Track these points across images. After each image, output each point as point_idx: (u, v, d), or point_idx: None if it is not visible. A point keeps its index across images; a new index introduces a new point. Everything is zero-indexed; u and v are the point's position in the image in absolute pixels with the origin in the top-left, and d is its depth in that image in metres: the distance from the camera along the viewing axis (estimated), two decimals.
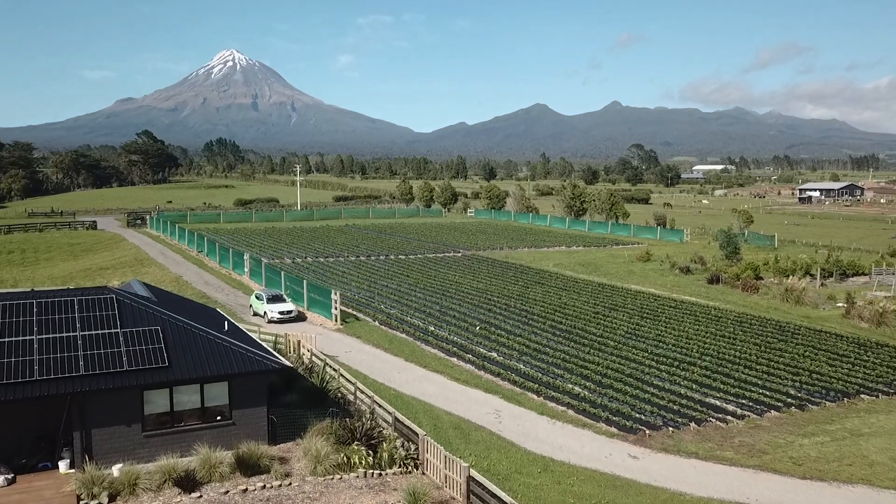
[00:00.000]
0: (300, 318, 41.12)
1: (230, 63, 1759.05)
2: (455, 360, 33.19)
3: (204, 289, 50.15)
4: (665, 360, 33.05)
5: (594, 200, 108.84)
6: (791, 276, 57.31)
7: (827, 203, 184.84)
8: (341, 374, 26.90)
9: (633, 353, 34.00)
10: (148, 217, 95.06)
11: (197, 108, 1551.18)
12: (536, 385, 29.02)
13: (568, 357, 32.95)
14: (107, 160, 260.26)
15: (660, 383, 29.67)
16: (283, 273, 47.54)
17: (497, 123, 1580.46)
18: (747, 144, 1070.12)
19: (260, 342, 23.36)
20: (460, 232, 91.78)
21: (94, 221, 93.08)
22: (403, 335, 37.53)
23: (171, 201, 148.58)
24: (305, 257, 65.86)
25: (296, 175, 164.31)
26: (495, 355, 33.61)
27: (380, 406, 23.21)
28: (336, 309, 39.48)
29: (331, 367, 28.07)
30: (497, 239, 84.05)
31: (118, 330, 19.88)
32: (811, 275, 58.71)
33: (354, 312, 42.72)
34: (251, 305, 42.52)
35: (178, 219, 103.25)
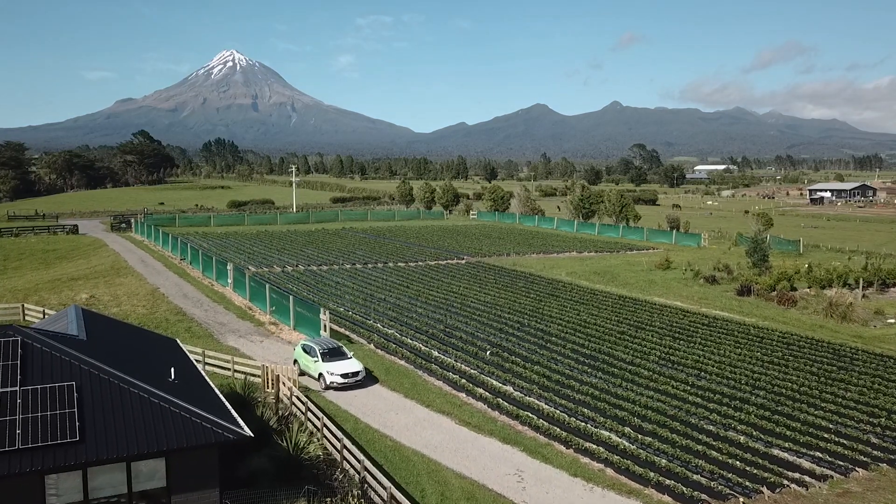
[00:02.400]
0: (370, 379, 29.66)
1: (230, 63, 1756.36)
2: (463, 395, 28.09)
3: (181, 303, 45.03)
4: (711, 395, 27.94)
5: (604, 202, 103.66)
6: (829, 287, 52.32)
7: (839, 204, 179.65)
8: (325, 426, 21.75)
9: (673, 387, 28.87)
10: (133, 221, 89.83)
11: (197, 108, 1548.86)
12: (564, 432, 23.92)
13: (597, 392, 27.83)
14: (101, 161, 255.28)
15: (712, 428, 24.56)
16: (267, 286, 42.39)
17: (497, 124, 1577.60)
18: (748, 144, 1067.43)
19: (218, 394, 18.19)
20: (463, 236, 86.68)
21: (76, 225, 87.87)
22: (403, 362, 32.44)
23: (163, 203, 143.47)
24: (297, 265, 60.73)
25: (295, 176, 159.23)
26: (511, 389, 28.49)
27: (372, 475, 18.11)
28: (325, 331, 34.36)
29: (313, 413, 22.95)
30: (503, 244, 78.95)
31: (17, 388, 14.79)
32: (848, 285, 53.57)
33: (347, 333, 37.61)
34: (296, 361, 30.51)
35: (166, 222, 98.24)
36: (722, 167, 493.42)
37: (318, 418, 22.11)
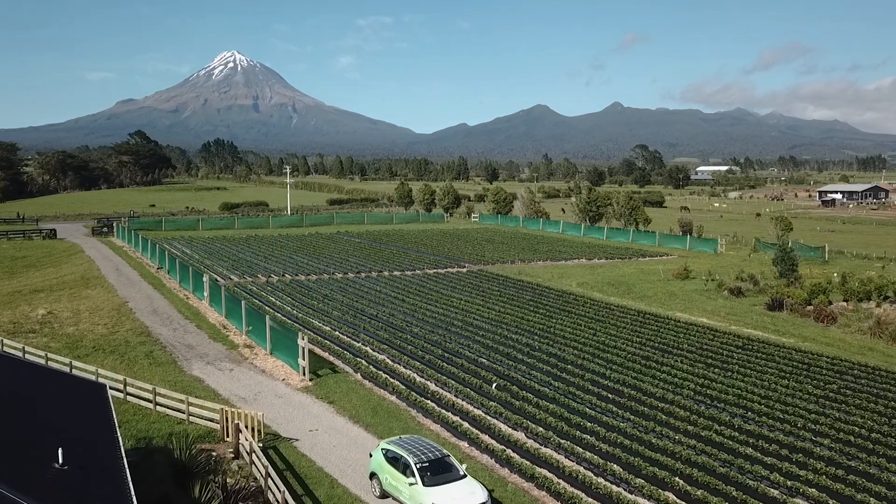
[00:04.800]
0: None
1: (231, 64, 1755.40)
2: (465, 444, 23.24)
3: (149, 320, 40.15)
4: (766, 444, 23.04)
5: (612, 205, 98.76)
6: (866, 301, 47.49)
7: (851, 206, 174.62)
8: (286, 501, 16.83)
9: (717, 432, 23.96)
10: (115, 225, 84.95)
11: (198, 109, 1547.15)
12: (593, 501, 19.05)
13: (627, 441, 22.91)
14: (95, 161, 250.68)
15: (776, 494, 19.64)
16: (243, 303, 37.51)
17: (498, 124, 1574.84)
18: (749, 145, 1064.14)
19: (126, 480, 13.25)
20: (464, 241, 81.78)
21: (53, 230, 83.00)
22: (394, 398, 27.56)
23: (154, 205, 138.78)
24: (283, 274, 55.88)
25: (292, 176, 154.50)
26: (522, 437, 23.63)
27: None
28: (304, 360, 29.49)
29: (274, 482, 18.03)
30: (507, 249, 74.03)
31: None
32: (888, 298, 48.68)
33: (332, 358, 32.77)
34: (373, 475, 20.00)
35: (152, 225, 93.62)
36: (724, 168, 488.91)
37: (280, 492, 17.17)
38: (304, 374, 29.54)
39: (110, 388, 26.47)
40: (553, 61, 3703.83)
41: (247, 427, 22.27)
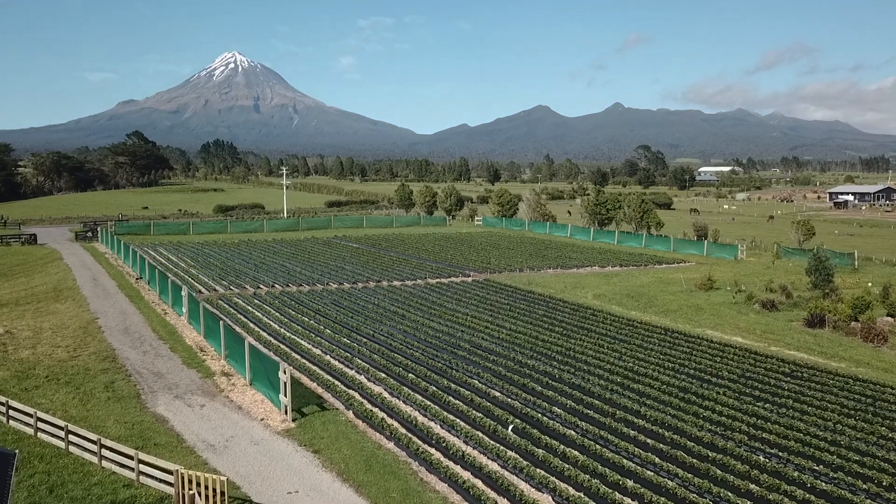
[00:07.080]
0: None
1: (232, 65, 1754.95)
2: None
3: (117, 342, 35.71)
4: None
5: (622, 207, 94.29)
6: None
7: (864, 208, 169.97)
8: None
9: (788, 496, 19.47)
10: (101, 229, 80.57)
11: (199, 110, 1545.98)
12: None
13: None
14: (91, 162, 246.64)
15: None
16: (221, 323, 33.01)
17: (499, 125, 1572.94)
18: (750, 146, 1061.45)
19: None
20: (468, 246, 77.40)
21: (34, 234, 78.57)
22: (391, 444, 23.10)
23: (146, 207, 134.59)
24: (273, 285, 51.46)
25: (291, 177, 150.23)
26: (549, 502, 19.18)
27: None
28: (286, 396, 25.05)
29: None
30: (514, 255, 69.63)
31: None
32: None
33: (320, 390, 28.32)
34: None
35: (140, 230, 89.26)
36: (727, 169, 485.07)
37: None
38: (286, 413, 25.10)
39: (51, 434, 22.24)
40: (554, 62, 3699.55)
41: (208, 489, 17.92)
